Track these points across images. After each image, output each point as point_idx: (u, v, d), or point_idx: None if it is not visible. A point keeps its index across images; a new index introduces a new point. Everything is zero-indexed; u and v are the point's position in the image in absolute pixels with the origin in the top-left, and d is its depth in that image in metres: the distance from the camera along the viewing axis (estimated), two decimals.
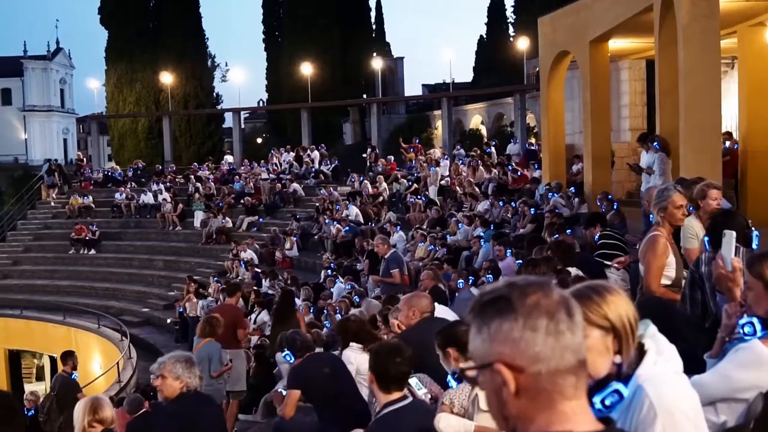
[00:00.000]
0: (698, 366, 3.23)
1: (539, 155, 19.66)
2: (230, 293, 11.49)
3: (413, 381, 4.67)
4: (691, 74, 10.37)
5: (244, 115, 47.25)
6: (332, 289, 15.55)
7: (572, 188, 15.52)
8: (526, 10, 37.49)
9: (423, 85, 52.98)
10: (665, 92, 11.78)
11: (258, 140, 56.44)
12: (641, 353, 2.31)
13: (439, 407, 4.28)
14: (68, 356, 11.88)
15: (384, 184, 23.22)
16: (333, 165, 28.60)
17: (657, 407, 2.23)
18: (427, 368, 4.92)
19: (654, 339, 2.38)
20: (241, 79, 40.88)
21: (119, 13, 43.47)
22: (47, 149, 69.23)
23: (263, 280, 19.13)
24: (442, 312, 6.35)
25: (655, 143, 11.38)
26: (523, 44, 32.17)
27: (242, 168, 30.27)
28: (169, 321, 20.44)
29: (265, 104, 52.52)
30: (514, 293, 1.45)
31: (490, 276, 9.97)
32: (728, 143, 13.46)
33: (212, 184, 28.40)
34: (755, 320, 3.03)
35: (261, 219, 25.46)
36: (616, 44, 15.68)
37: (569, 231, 11.56)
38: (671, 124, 11.34)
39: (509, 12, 47.33)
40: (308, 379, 6.09)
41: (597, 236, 8.72)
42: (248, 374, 11.29)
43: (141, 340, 19.85)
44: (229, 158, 34.78)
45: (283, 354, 6.86)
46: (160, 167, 32.82)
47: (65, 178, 32.04)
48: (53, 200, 30.66)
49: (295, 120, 36.83)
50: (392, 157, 26.46)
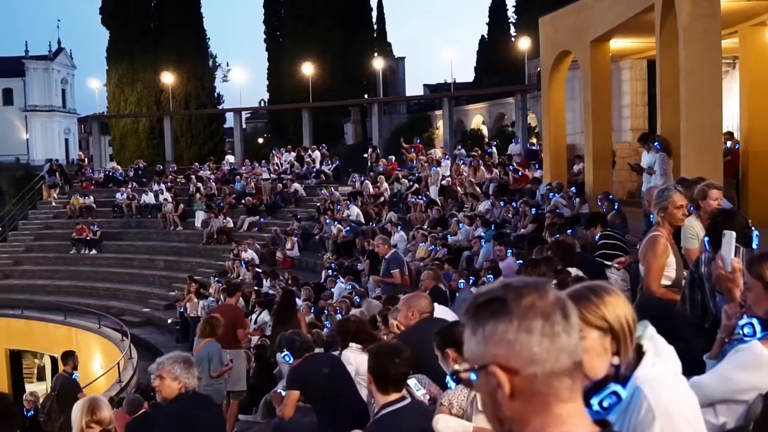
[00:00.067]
0: (698, 367, 3.22)
1: (540, 155, 19.61)
2: (230, 293, 11.50)
3: (412, 382, 4.66)
4: (692, 74, 10.36)
5: (246, 115, 47.31)
6: (333, 290, 15.55)
7: (573, 188, 15.49)
8: (528, 10, 37.45)
9: (424, 85, 52.92)
10: (666, 92, 11.77)
11: (259, 140, 56.51)
12: (639, 354, 2.29)
13: (438, 408, 4.27)
14: (69, 356, 11.91)
15: (385, 184, 23.21)
16: (334, 165, 28.60)
17: (655, 409, 2.21)
18: (426, 369, 4.90)
19: (652, 340, 2.36)
20: (243, 79, 41.12)
21: (120, 13, 43.48)
22: (48, 149, 69.32)
23: (264, 280, 19.14)
24: (442, 312, 6.32)
25: (656, 143, 11.39)
26: (524, 44, 32.20)
27: (243, 168, 30.26)
28: (170, 321, 20.42)
29: (267, 104, 52.58)
30: (510, 295, 1.44)
31: (491, 276, 9.96)
32: (729, 143, 13.47)
33: (213, 184, 28.40)
34: (755, 321, 3.01)
35: (262, 219, 25.46)
36: (617, 44, 15.66)
37: (570, 231, 11.53)
38: (672, 124, 11.32)
39: (510, 12, 47.46)
40: (307, 380, 6.07)
41: (597, 236, 8.69)
42: (248, 374, 11.29)
43: (142, 341, 19.84)
44: (230, 158, 34.78)
45: (282, 354, 6.84)
46: (161, 167, 32.85)
47: (66, 178, 32.06)
48: (54, 200, 30.66)
49: (297, 120, 36.86)
50: (393, 157, 26.48)
